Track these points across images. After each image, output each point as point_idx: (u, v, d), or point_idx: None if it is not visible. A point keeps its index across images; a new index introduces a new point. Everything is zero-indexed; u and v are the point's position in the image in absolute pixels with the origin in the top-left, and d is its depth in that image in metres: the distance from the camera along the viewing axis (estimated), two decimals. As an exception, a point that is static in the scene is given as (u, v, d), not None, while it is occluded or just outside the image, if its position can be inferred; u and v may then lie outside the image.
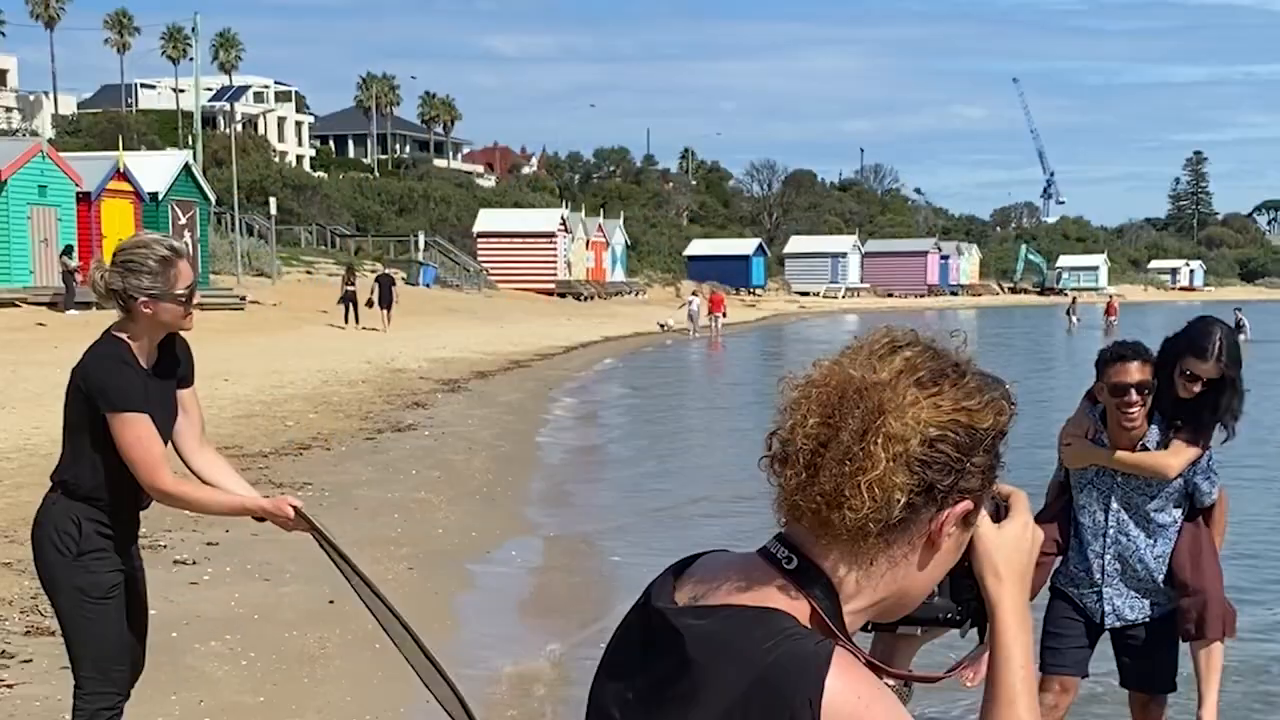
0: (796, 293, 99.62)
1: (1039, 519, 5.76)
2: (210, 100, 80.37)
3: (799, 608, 1.64)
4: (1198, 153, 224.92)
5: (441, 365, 29.19)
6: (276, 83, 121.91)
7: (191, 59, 66.42)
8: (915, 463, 1.61)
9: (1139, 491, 5.57)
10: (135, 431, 4.49)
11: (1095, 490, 5.63)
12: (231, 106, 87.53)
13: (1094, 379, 5.65)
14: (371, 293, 41.13)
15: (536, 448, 17.89)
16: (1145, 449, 5.50)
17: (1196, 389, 5.41)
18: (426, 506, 12.53)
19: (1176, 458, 5.49)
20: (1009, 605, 1.74)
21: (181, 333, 4.80)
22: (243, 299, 42.91)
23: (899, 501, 1.61)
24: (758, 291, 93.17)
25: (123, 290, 4.54)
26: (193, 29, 61.45)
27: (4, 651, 7.28)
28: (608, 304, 71.75)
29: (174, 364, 4.76)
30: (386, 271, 44.98)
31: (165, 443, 4.68)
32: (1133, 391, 5.36)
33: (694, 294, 57.59)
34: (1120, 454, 5.50)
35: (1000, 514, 1.77)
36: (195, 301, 4.64)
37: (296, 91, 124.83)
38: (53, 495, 4.66)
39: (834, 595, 1.66)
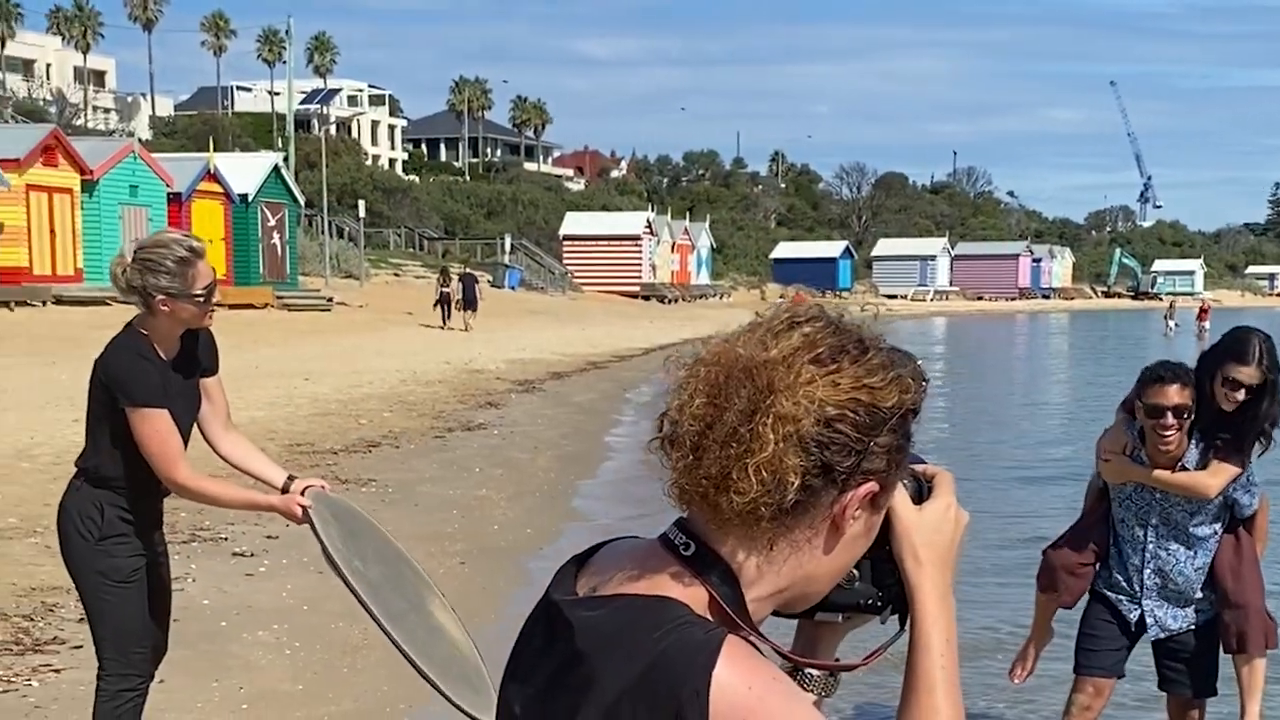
0: (884, 295, 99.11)
1: (1080, 524, 5.78)
2: (303, 103, 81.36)
3: (695, 595, 1.58)
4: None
5: (519, 366, 29.41)
6: (370, 86, 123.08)
7: (286, 62, 67.38)
8: (811, 443, 1.54)
9: (1178, 508, 5.53)
10: (152, 425, 4.64)
11: (1134, 505, 5.60)
12: (323, 109, 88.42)
13: (1133, 390, 5.62)
14: (455, 293, 41.85)
15: (605, 447, 17.99)
16: (1184, 468, 5.45)
17: (1240, 396, 5.32)
18: (486, 503, 12.70)
19: (1216, 478, 5.43)
20: (929, 589, 1.67)
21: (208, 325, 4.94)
22: (330, 300, 43.44)
23: (793, 484, 1.53)
24: (843, 294, 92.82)
25: (141, 287, 4.67)
26: (286, 32, 62.31)
27: (56, 638, 7.50)
28: (691, 307, 71.79)
29: (196, 355, 4.91)
30: (469, 271, 45.66)
31: (187, 434, 4.84)
32: (1169, 415, 5.29)
33: (782, 296, 57.76)
34: (1159, 473, 5.45)
35: (924, 495, 1.71)
36: (215, 300, 4.74)
37: (390, 95, 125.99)
38: (76, 481, 4.84)
39: (733, 582, 1.59)
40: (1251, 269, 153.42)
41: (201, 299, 4.71)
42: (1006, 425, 23.50)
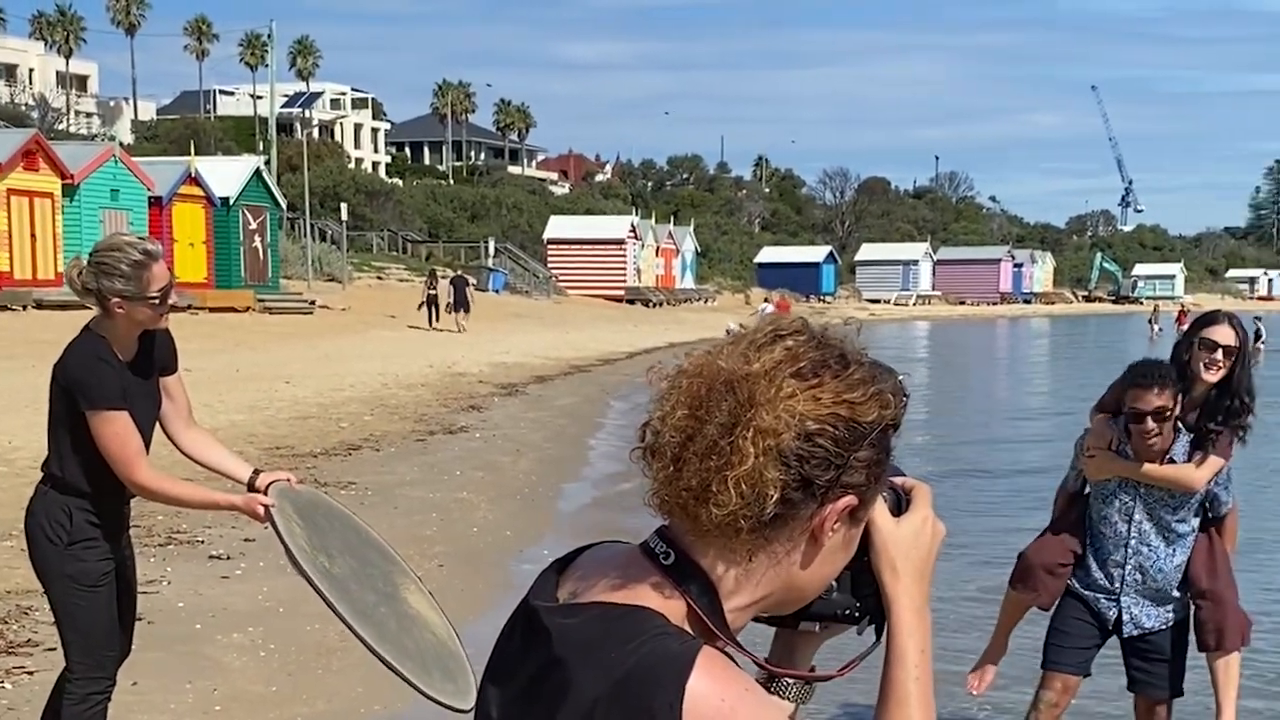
0: (867, 300, 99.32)
1: (1053, 529, 5.82)
2: (286, 106, 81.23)
3: (672, 606, 1.59)
4: (1278, 161, 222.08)
5: (502, 370, 29.39)
6: (353, 89, 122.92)
7: (268, 65, 67.28)
8: (791, 457, 1.54)
9: (1162, 503, 5.58)
10: (112, 428, 4.61)
11: (1118, 501, 5.63)
12: (306, 112, 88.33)
13: (1110, 388, 5.67)
14: (448, 295, 42.53)
15: (587, 450, 17.98)
16: (1172, 460, 5.51)
17: (1219, 358, 5.46)
18: (466, 506, 12.67)
19: (1203, 470, 5.50)
20: (905, 602, 1.69)
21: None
22: (312, 303, 43.38)
23: (772, 497, 1.54)
24: (827, 299, 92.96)
25: (97, 290, 4.65)
26: (269, 35, 62.27)
27: (30, 640, 7.46)
28: (676, 310, 71.83)
29: (154, 355, 4.88)
30: (461, 274, 46.40)
31: (149, 435, 4.82)
32: (1149, 420, 5.34)
33: (766, 300, 57.94)
34: (1148, 467, 5.50)
35: (902, 508, 1.72)
36: (171, 302, 4.73)
37: (373, 98, 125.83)
38: (43, 487, 4.81)
39: (712, 592, 1.60)
40: (1232, 272, 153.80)
41: (156, 301, 4.69)
42: (992, 430, 23.54)
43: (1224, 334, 5.51)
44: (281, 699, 6.89)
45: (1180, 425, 5.51)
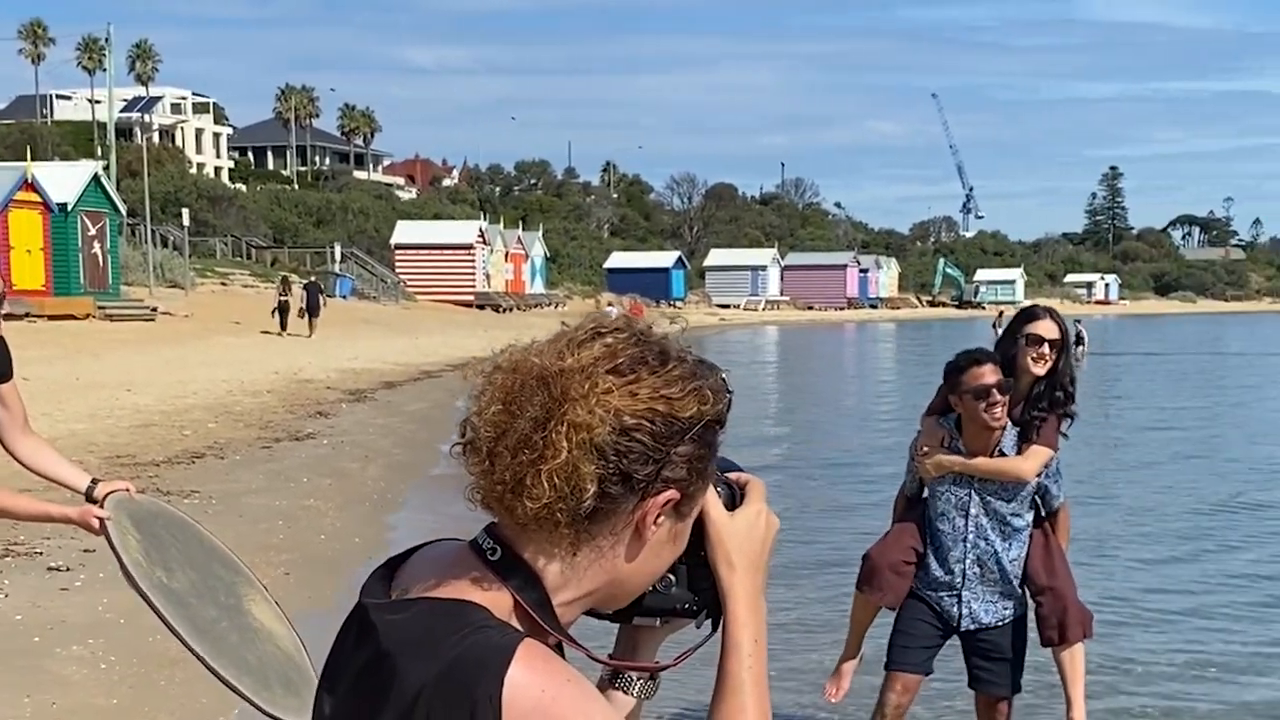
0: (717, 305, 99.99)
1: (898, 526, 5.95)
2: (125, 111, 79.51)
3: (497, 600, 1.61)
4: (1113, 168, 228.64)
5: (350, 376, 29.09)
6: (194, 94, 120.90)
7: (106, 69, 65.86)
8: (608, 451, 1.56)
9: (996, 496, 5.72)
10: None
11: (954, 497, 5.76)
12: (145, 117, 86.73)
13: (938, 392, 5.82)
14: (300, 300, 42.96)
15: (437, 455, 17.84)
16: (1002, 453, 5.66)
17: (1045, 351, 5.67)
18: (313, 513, 12.51)
19: (1031, 461, 5.66)
20: (740, 594, 1.72)
21: None
22: (154, 310, 42.55)
23: (589, 491, 1.56)
24: (677, 304, 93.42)
25: None
26: (106, 39, 60.98)
27: None
28: (526, 316, 71.62)
29: None
30: (314, 280, 46.90)
31: None
32: (994, 391, 5.50)
33: (610, 304, 57.80)
34: (978, 460, 5.64)
35: (737, 502, 1.75)
36: (4, 311, 4.62)
37: (214, 103, 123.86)
38: None
39: (538, 586, 1.62)
40: (1070, 277, 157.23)
41: None
42: (841, 433, 23.82)
43: (1048, 328, 5.72)
44: (123, 712, 6.72)
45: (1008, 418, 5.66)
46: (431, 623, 1.56)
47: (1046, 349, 5.67)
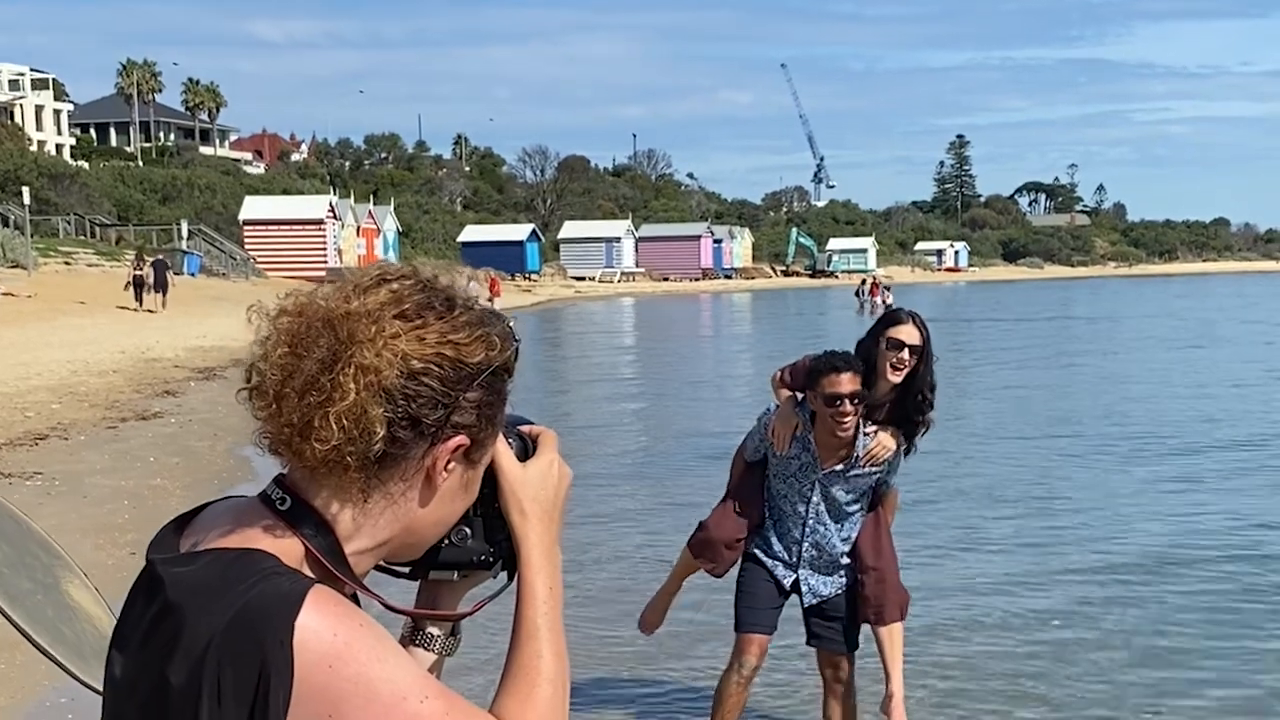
0: (572, 277, 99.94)
1: (733, 499, 6.04)
2: (-41, 87, 77.35)
3: (287, 547, 1.60)
4: (960, 136, 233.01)
5: (199, 354, 28.58)
6: (32, 70, 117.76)
7: (-63, 43, 63.92)
8: (396, 395, 1.58)
9: (838, 487, 5.89)
10: None
11: (797, 483, 5.92)
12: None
13: (797, 376, 5.87)
14: (147, 276, 42.82)
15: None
16: (855, 455, 5.80)
17: (905, 356, 5.65)
18: (160, 493, 12.25)
19: (895, 489, 6.14)
20: (534, 541, 1.75)
21: None
22: (-5, 291, 41.46)
23: (378, 434, 1.57)
24: (533, 277, 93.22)
25: None
26: (-63, 11, 59.07)
27: None
28: (379, 291, 71.10)
29: None
30: (161, 256, 46.62)
31: None
32: (846, 402, 5.58)
33: (469, 278, 57.56)
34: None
35: (529, 453, 1.78)
36: None
37: (54, 79, 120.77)
38: None
39: (329, 533, 1.62)
40: (920, 245, 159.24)
41: None
42: (699, 398, 23.88)
43: (909, 333, 5.71)
44: (-41, 699, 6.48)
45: (862, 420, 5.74)
46: (220, 572, 1.55)
47: (906, 354, 5.66)
